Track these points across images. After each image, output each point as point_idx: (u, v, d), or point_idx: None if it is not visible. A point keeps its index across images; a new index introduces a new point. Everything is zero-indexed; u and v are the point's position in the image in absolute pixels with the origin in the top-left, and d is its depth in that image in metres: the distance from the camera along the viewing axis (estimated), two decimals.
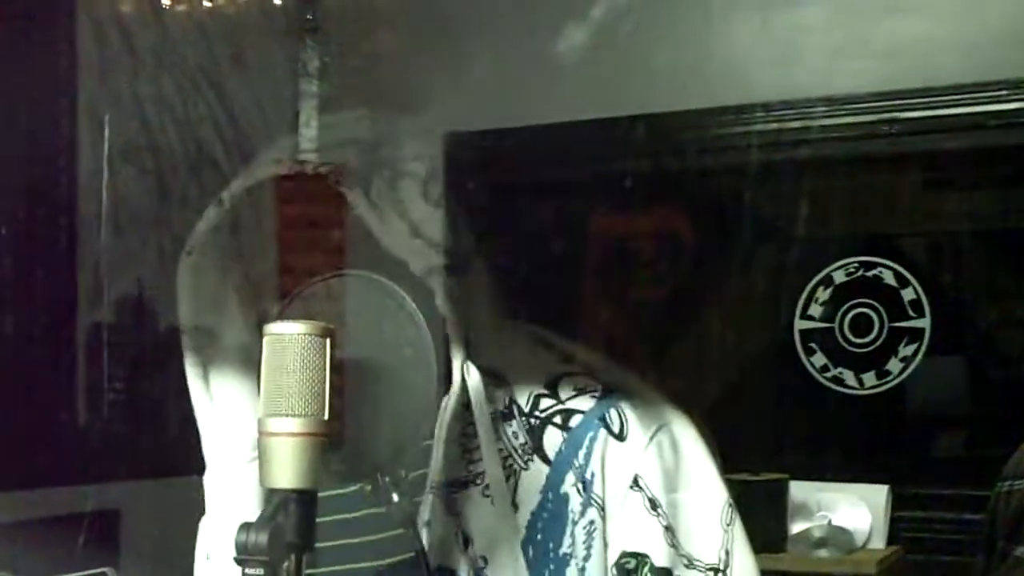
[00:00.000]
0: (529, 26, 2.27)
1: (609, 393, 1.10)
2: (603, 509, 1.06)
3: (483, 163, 2.38)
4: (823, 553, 2.32)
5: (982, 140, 2.29)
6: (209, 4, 2.14)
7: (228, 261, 1.18)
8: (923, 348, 2.48)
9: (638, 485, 1.06)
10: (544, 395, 1.11)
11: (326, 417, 0.87)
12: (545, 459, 1.07)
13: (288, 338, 0.86)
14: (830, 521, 2.37)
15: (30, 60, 1.94)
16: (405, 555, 1.05)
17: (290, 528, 0.85)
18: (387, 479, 0.95)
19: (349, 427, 0.92)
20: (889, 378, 2.51)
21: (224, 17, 2.17)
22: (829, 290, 2.55)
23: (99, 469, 1.96)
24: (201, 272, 1.14)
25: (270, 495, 0.86)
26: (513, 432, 1.08)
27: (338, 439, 0.89)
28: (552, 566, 1.05)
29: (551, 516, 1.06)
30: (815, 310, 2.56)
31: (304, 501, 0.86)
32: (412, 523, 0.95)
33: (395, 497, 0.95)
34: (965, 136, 2.29)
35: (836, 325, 2.54)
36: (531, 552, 1.04)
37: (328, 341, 0.87)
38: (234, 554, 0.82)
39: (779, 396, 2.63)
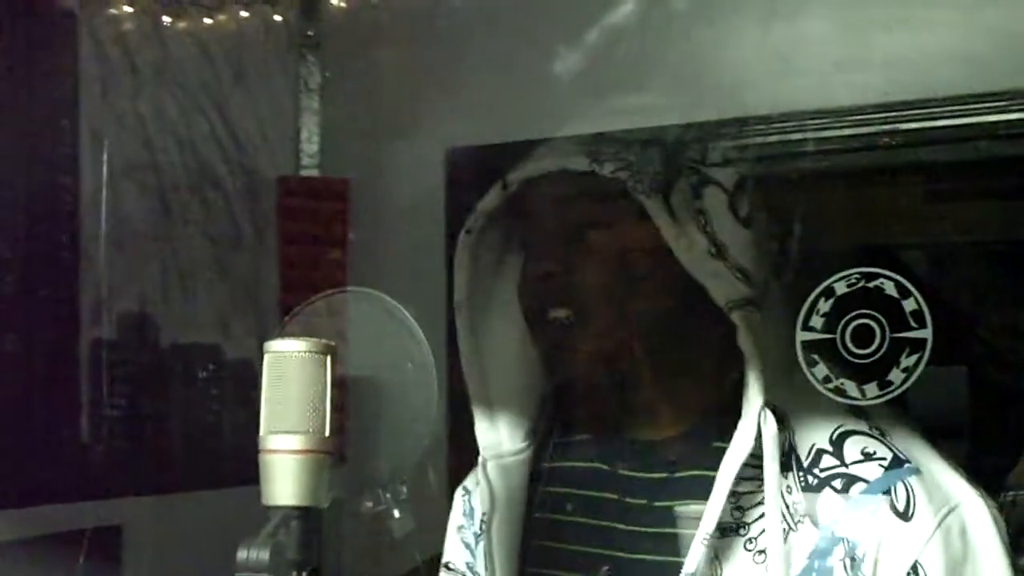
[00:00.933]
0: (530, 40, 2.28)
1: (898, 463, 1.02)
2: None
3: (487, 177, 2.38)
4: None
5: (982, 151, 2.29)
6: (210, 21, 2.15)
7: (504, 244, 1.11)
8: (924, 358, 2.47)
9: (917, 574, 0.95)
10: (827, 452, 1.02)
11: (327, 434, 0.87)
12: (815, 523, 0.97)
13: (289, 356, 0.86)
14: None
15: (31, 77, 1.94)
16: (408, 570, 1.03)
17: (292, 545, 0.85)
18: (388, 495, 0.95)
19: (350, 443, 0.92)
20: (891, 388, 2.50)
21: (225, 34, 2.18)
22: (830, 301, 2.54)
23: (100, 486, 1.95)
24: (478, 251, 1.10)
25: (272, 512, 0.86)
26: (787, 487, 0.98)
27: (339, 455, 0.89)
28: None
29: None
30: (816, 321, 2.55)
31: (306, 518, 0.86)
32: (414, 540, 0.95)
33: (396, 513, 0.94)
34: (965, 147, 2.29)
35: (838, 336, 2.54)
36: None
37: (329, 358, 0.87)
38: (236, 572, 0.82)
39: None
